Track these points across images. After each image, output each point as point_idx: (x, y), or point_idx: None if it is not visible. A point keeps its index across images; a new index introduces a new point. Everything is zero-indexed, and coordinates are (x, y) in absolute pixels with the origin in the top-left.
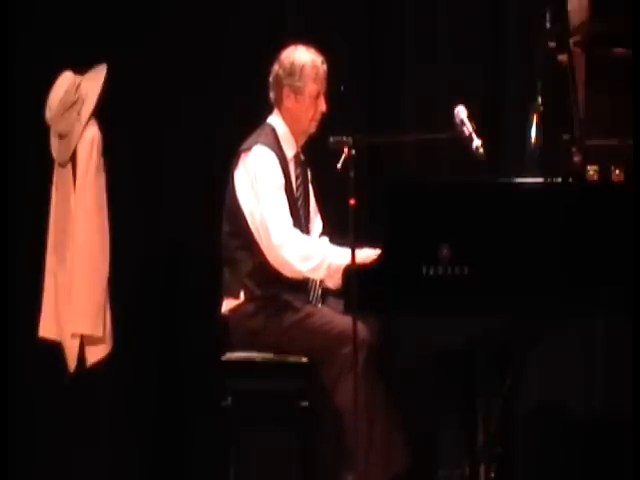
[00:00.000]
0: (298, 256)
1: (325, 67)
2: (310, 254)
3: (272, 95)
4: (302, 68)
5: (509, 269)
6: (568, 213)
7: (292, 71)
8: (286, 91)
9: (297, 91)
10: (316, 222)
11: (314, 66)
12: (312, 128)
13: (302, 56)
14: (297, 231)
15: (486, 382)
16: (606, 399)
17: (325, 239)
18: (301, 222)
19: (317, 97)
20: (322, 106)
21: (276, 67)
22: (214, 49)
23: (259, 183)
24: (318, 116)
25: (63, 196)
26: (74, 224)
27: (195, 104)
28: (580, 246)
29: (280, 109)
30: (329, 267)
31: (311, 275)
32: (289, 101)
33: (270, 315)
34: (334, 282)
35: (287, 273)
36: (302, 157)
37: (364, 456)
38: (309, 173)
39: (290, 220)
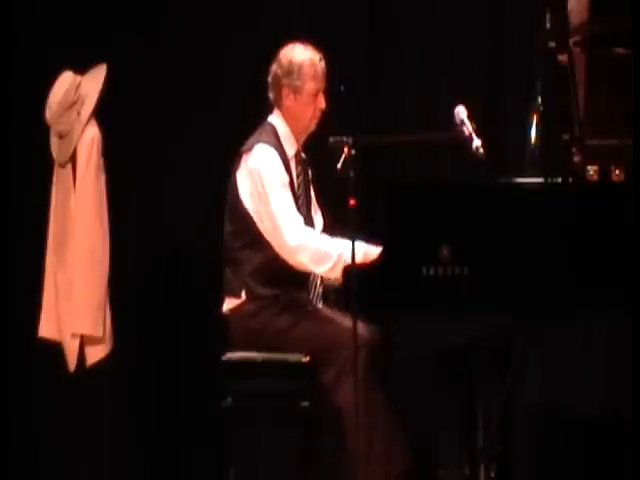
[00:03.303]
0: (314, 259)
1: (323, 64)
2: (325, 256)
3: (271, 95)
4: (300, 67)
5: (509, 269)
6: (568, 213)
7: (290, 70)
8: (285, 90)
9: (296, 90)
10: (317, 220)
11: (312, 64)
12: (312, 126)
13: (300, 54)
14: (310, 230)
15: (486, 382)
16: (606, 399)
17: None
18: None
19: (316, 95)
20: (322, 103)
21: (274, 67)
22: (215, 48)
23: (264, 182)
24: (318, 114)
25: (63, 196)
26: (74, 224)
27: (196, 104)
28: (580, 246)
29: (280, 108)
30: (345, 265)
31: (327, 275)
32: (289, 100)
33: (271, 315)
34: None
35: (301, 270)
36: (303, 155)
37: (364, 457)
38: (310, 171)
39: (301, 219)
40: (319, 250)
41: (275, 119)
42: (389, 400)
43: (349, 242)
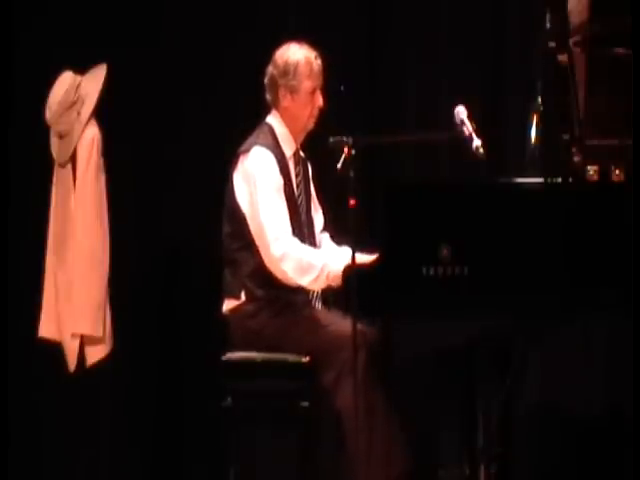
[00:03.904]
0: (297, 270)
1: (319, 62)
2: (309, 267)
3: (268, 96)
4: (296, 66)
5: (509, 269)
6: (568, 213)
7: (286, 70)
8: (282, 91)
9: (293, 90)
10: (317, 218)
11: (307, 62)
12: (310, 125)
13: (295, 54)
14: (296, 241)
15: (486, 382)
16: (606, 399)
17: (326, 235)
18: (302, 220)
19: (313, 93)
20: (319, 101)
21: (270, 68)
22: (215, 49)
23: (257, 187)
24: (316, 112)
25: (63, 196)
26: (74, 224)
27: (195, 104)
28: (580, 246)
29: (278, 109)
30: (328, 276)
31: (311, 286)
32: (286, 100)
33: (270, 316)
34: (335, 283)
35: (287, 282)
36: (301, 154)
37: (364, 457)
38: (309, 169)
39: (289, 228)
40: (302, 261)
41: (273, 119)
42: (389, 400)
43: (336, 253)
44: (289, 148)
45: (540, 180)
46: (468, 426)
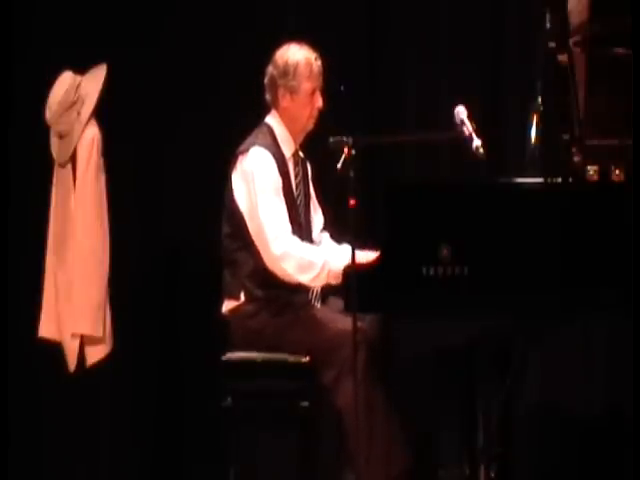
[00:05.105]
0: (298, 268)
1: (319, 63)
2: (310, 265)
3: (268, 96)
4: (296, 67)
5: (509, 269)
6: (568, 213)
7: (286, 71)
8: (281, 91)
9: (292, 90)
10: (317, 219)
11: (307, 63)
12: (310, 125)
13: (295, 55)
14: (296, 239)
15: (486, 382)
16: (606, 399)
17: (326, 235)
18: (301, 220)
19: (312, 94)
20: (318, 102)
21: (270, 68)
22: (215, 48)
23: (256, 187)
24: (315, 113)
25: (63, 196)
26: (74, 224)
27: (195, 104)
28: (580, 246)
29: (277, 109)
30: (329, 274)
31: (312, 284)
32: (285, 101)
33: (270, 316)
34: (335, 281)
35: (287, 280)
36: (301, 154)
37: (364, 457)
38: (309, 170)
39: (288, 227)
40: (303, 259)
41: (272, 120)
42: (389, 400)
43: (336, 250)
44: (288, 148)
45: (540, 180)
46: (468, 426)
